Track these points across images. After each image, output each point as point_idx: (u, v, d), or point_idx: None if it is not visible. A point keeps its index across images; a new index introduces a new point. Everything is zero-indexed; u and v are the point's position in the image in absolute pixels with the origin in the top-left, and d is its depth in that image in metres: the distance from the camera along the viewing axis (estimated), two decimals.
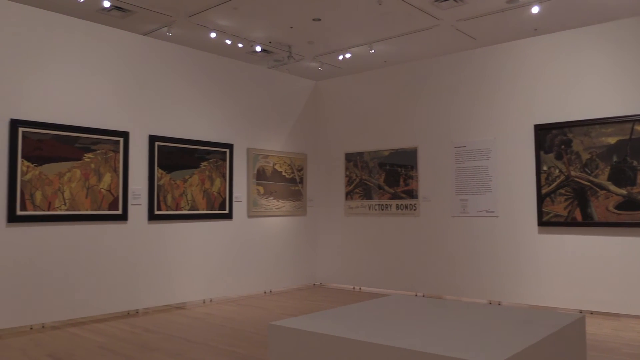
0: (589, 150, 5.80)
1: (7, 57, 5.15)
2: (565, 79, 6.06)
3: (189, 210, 6.50)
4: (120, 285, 5.84)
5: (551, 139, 6.05)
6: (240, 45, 8.95)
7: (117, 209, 5.84)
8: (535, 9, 7.38)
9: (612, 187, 5.63)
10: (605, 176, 5.68)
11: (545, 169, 6.08)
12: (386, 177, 7.50)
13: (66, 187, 5.45)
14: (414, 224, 7.17)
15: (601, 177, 5.71)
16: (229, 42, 8.77)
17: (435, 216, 6.98)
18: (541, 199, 6.08)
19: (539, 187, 6.10)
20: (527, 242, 6.20)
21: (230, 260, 6.98)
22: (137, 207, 6.04)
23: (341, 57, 9.65)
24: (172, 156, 6.38)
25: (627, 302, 5.54)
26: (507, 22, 7.99)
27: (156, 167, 6.21)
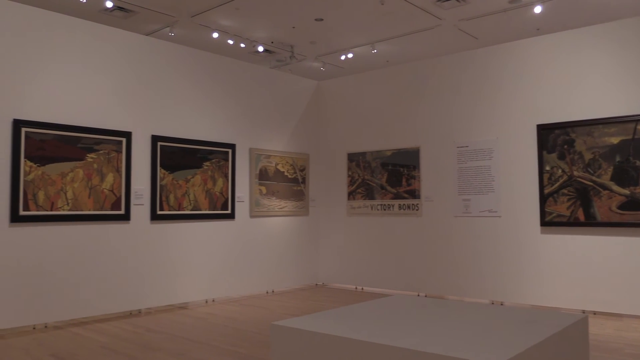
0: (592, 150, 5.78)
1: (10, 58, 5.16)
2: (568, 78, 6.05)
3: (192, 210, 6.51)
4: (122, 285, 5.85)
5: (554, 138, 6.04)
6: (242, 45, 8.97)
7: (119, 209, 5.85)
8: (537, 9, 7.37)
9: (615, 187, 5.62)
10: (608, 176, 5.67)
11: (547, 168, 6.07)
12: (388, 177, 7.49)
13: (69, 187, 5.46)
14: (417, 224, 7.16)
15: (604, 177, 5.69)
16: (231, 42, 8.78)
17: (437, 216, 6.97)
18: (544, 199, 6.07)
19: (542, 187, 6.09)
20: (529, 242, 6.19)
21: (232, 260, 6.98)
22: (140, 207, 6.05)
23: (343, 57, 9.66)
24: (175, 156, 6.39)
25: (630, 303, 5.53)
26: (509, 21, 7.98)
27: (159, 167, 6.21)
